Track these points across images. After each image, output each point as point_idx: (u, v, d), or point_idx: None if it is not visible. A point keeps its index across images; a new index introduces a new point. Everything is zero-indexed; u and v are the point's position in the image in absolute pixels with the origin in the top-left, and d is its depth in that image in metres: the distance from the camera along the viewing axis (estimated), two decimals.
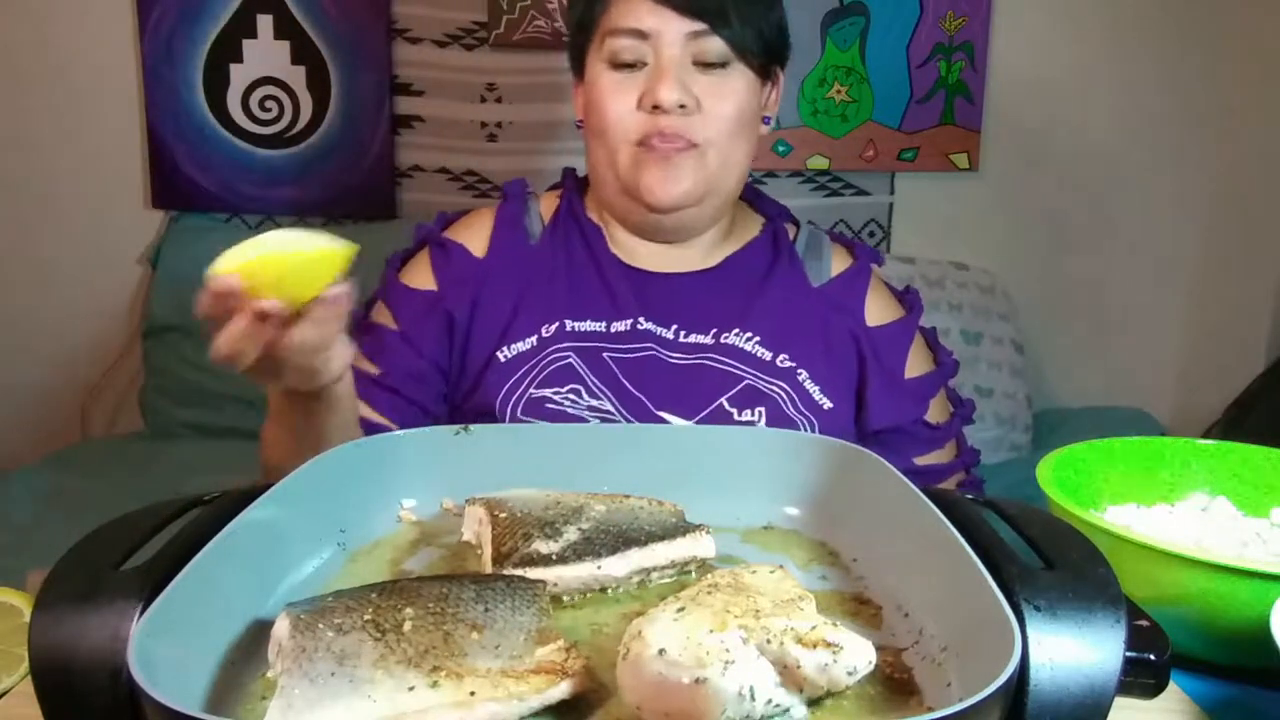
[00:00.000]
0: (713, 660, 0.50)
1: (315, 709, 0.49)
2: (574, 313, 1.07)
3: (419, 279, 1.11)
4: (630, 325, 1.07)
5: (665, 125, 1.01)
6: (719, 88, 1.02)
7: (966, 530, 0.60)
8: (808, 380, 1.06)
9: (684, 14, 1.00)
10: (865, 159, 2.32)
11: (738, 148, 1.05)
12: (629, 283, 1.09)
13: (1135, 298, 2.41)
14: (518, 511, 0.71)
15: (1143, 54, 2.30)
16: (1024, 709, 0.50)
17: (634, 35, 1.01)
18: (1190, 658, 0.72)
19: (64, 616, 0.52)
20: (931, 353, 1.15)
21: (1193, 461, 0.90)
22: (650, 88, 1.01)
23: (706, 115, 1.02)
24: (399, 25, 2.23)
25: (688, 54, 1.02)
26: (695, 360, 1.06)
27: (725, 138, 1.03)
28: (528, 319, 1.07)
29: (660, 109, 1.01)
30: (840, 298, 1.12)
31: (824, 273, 1.14)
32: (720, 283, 1.11)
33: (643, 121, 1.02)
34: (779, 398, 1.04)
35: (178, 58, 2.21)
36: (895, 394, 1.10)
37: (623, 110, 1.03)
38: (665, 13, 1.00)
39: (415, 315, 1.09)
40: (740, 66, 1.03)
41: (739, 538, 0.76)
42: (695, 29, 1.01)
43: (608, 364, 1.04)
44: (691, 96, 1.01)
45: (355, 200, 2.28)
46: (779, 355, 1.07)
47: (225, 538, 0.60)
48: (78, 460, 2.07)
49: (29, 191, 2.28)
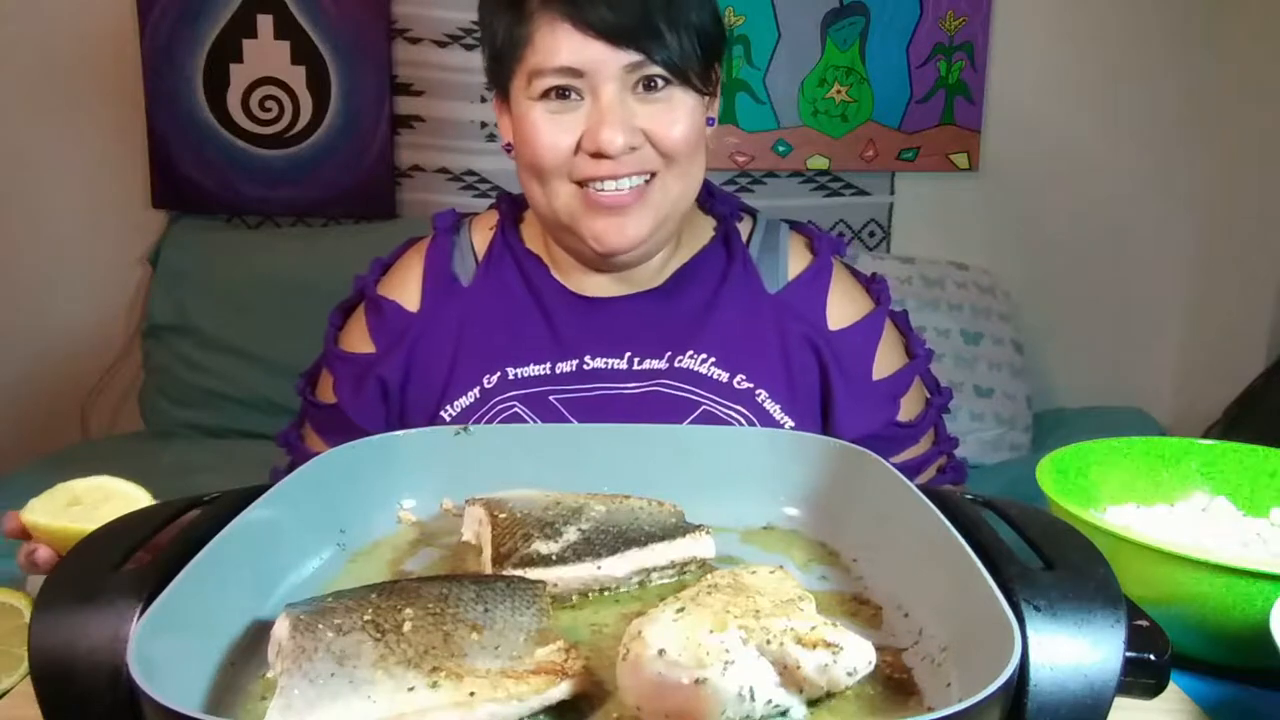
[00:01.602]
0: (713, 660, 0.50)
1: (315, 709, 0.49)
2: (515, 359, 1.02)
3: (356, 342, 1.07)
4: (576, 365, 1.02)
5: (613, 169, 0.94)
6: (666, 113, 0.94)
7: (966, 530, 0.60)
8: (767, 400, 1.01)
9: (617, 45, 0.91)
10: (865, 159, 2.32)
11: (696, 166, 0.99)
12: (574, 314, 1.04)
13: (1135, 298, 2.41)
14: (518, 512, 0.71)
15: (1143, 54, 2.30)
16: (1024, 709, 0.50)
17: (565, 74, 0.92)
18: (1190, 658, 0.72)
19: (64, 617, 0.52)
20: (904, 339, 1.09)
21: (1193, 461, 0.90)
22: (592, 132, 0.92)
23: (658, 144, 0.95)
24: (399, 25, 2.23)
25: (627, 85, 0.93)
26: (649, 388, 1.01)
27: (683, 160, 0.96)
28: (467, 371, 1.02)
29: (605, 156, 0.93)
30: (798, 304, 1.06)
31: (781, 275, 1.07)
32: (671, 300, 1.05)
33: (585, 164, 0.94)
34: (738, 422, 1.00)
35: (178, 58, 2.21)
36: (863, 401, 1.04)
37: (560, 149, 0.94)
38: (596, 45, 0.91)
39: (352, 385, 1.04)
40: (682, 87, 0.95)
41: (739, 538, 0.76)
42: (632, 60, 0.92)
43: (555, 407, 1.00)
44: (638, 133, 0.94)
45: (355, 200, 2.28)
46: (736, 376, 1.02)
47: (225, 538, 0.60)
48: (78, 460, 2.06)
49: (29, 192, 2.28)
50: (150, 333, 2.20)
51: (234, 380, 2.15)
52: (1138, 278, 2.40)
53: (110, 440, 2.25)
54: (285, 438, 1.10)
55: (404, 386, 1.04)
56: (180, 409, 2.17)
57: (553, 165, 0.95)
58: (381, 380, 1.03)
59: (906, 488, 0.68)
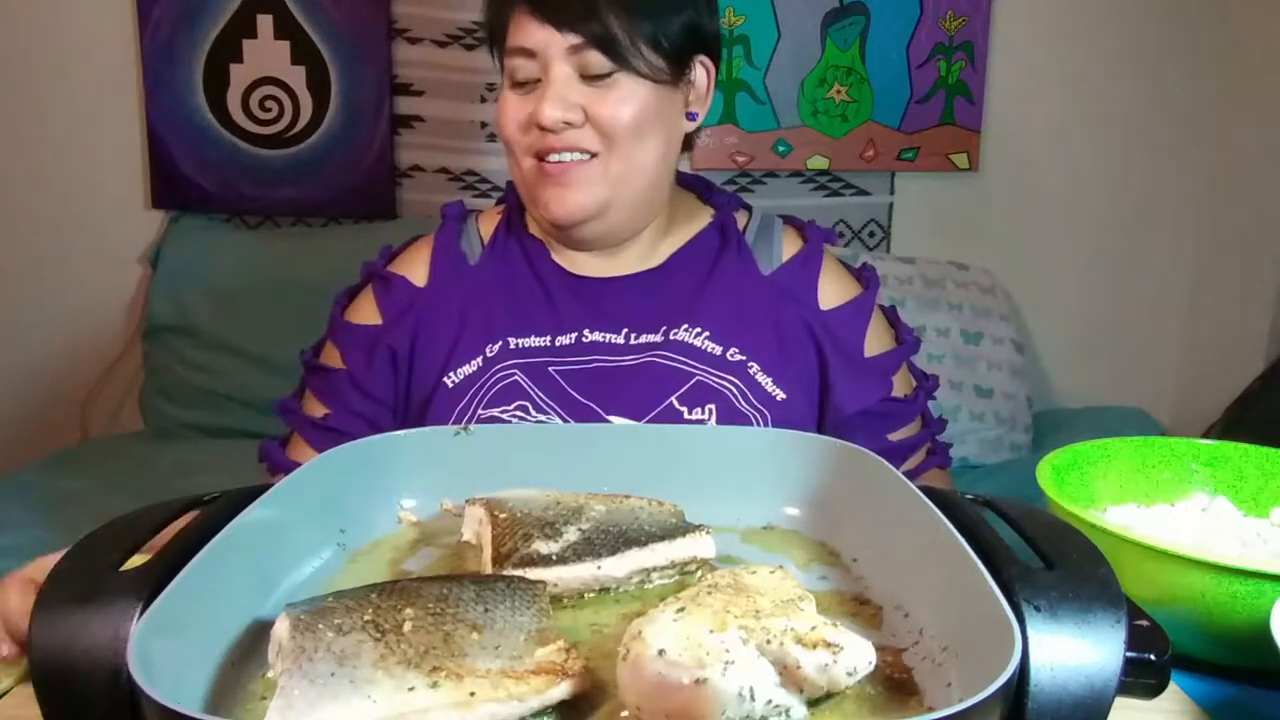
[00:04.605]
0: (713, 661, 0.50)
1: (315, 709, 0.49)
2: (517, 330, 1.06)
3: (363, 315, 1.11)
4: (575, 339, 1.06)
5: (554, 142, 1.01)
6: (608, 95, 1.01)
7: (966, 530, 0.60)
8: (759, 373, 1.05)
9: (562, 29, 1.00)
10: (865, 159, 2.32)
11: (642, 150, 1.03)
12: (574, 293, 1.09)
13: (1135, 298, 2.41)
14: (518, 512, 0.71)
15: (1143, 53, 2.30)
16: (1024, 709, 0.50)
17: (525, 54, 1.02)
18: (1190, 658, 0.72)
19: (64, 616, 0.52)
20: (893, 329, 1.14)
21: (1193, 461, 0.90)
22: (535, 107, 1.01)
23: (597, 124, 1.01)
24: (399, 25, 2.23)
25: (573, 67, 1.01)
26: (644, 359, 1.05)
27: (624, 143, 1.02)
28: (471, 341, 1.07)
29: (544, 129, 1.01)
30: (791, 284, 1.11)
31: (775, 259, 1.12)
32: (666, 280, 1.10)
33: (536, 139, 1.02)
34: (729, 393, 1.04)
35: (178, 58, 2.21)
36: (859, 376, 1.09)
37: (517, 127, 1.03)
38: (546, 29, 1.00)
39: (360, 353, 1.09)
40: (628, 74, 1.01)
41: (739, 538, 0.76)
42: (573, 43, 1.00)
43: (554, 378, 1.04)
44: (577, 110, 1.00)
45: (355, 200, 2.28)
46: (729, 349, 1.06)
47: (225, 538, 0.60)
48: (78, 460, 2.06)
49: (29, 191, 2.28)
50: (150, 333, 2.20)
51: (234, 380, 2.14)
52: (1138, 278, 2.40)
53: (110, 440, 2.25)
54: (284, 405, 1.13)
55: (411, 356, 1.08)
56: (180, 409, 2.17)
57: (513, 139, 1.04)
58: (391, 349, 1.08)
59: (907, 488, 0.68)
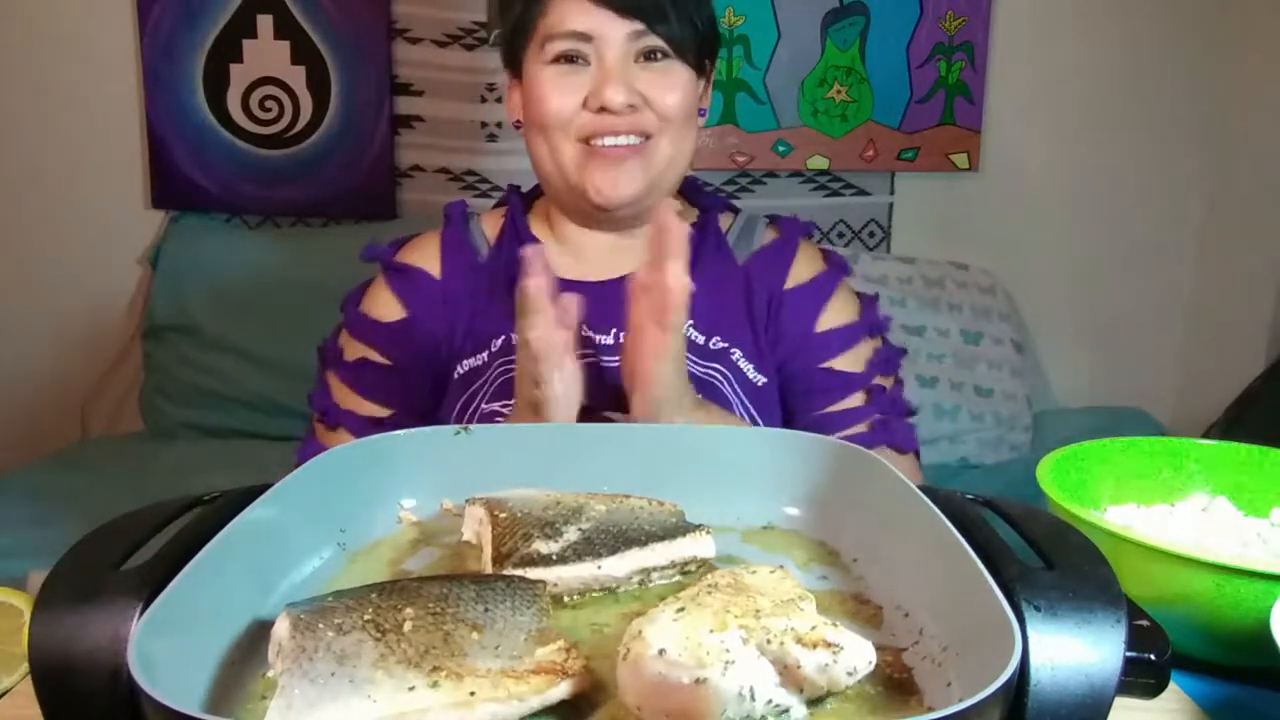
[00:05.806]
0: (713, 660, 0.50)
1: (315, 709, 0.49)
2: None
3: (383, 306, 1.13)
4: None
5: (617, 124, 1.04)
6: (663, 80, 1.05)
7: (966, 530, 0.60)
8: (741, 359, 1.09)
9: (622, 14, 1.02)
10: (865, 159, 2.32)
11: (685, 139, 1.08)
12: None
13: (1135, 298, 2.41)
14: (518, 511, 0.71)
15: (1143, 53, 2.30)
16: (1024, 709, 0.49)
17: (574, 38, 1.03)
18: (1190, 658, 0.72)
19: (64, 616, 0.52)
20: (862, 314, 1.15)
21: (1193, 461, 0.90)
22: (596, 90, 1.03)
23: (655, 107, 1.05)
24: (399, 25, 2.23)
25: (629, 52, 1.04)
26: None
27: (675, 128, 1.06)
28: (479, 334, 1.09)
29: (608, 111, 1.03)
30: (762, 270, 1.14)
31: (751, 251, 1.16)
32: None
33: (589, 121, 1.04)
34: (716, 381, 1.06)
35: (178, 58, 2.21)
36: (795, 341, 1.11)
37: (567, 107, 1.04)
38: (603, 14, 1.02)
39: (401, 347, 1.10)
40: (679, 61, 1.06)
41: (739, 538, 0.76)
42: (635, 29, 1.03)
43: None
44: (637, 94, 1.04)
45: (355, 200, 2.28)
46: (712, 338, 1.09)
47: (225, 538, 0.60)
48: (78, 460, 2.07)
49: (29, 191, 2.28)
50: (150, 333, 2.20)
51: (234, 380, 2.14)
52: (1138, 278, 2.40)
53: (110, 440, 2.26)
54: (325, 407, 1.11)
55: (435, 345, 1.10)
56: (180, 409, 2.17)
57: (559, 122, 1.05)
58: (429, 338, 1.11)
59: (907, 488, 0.68)
